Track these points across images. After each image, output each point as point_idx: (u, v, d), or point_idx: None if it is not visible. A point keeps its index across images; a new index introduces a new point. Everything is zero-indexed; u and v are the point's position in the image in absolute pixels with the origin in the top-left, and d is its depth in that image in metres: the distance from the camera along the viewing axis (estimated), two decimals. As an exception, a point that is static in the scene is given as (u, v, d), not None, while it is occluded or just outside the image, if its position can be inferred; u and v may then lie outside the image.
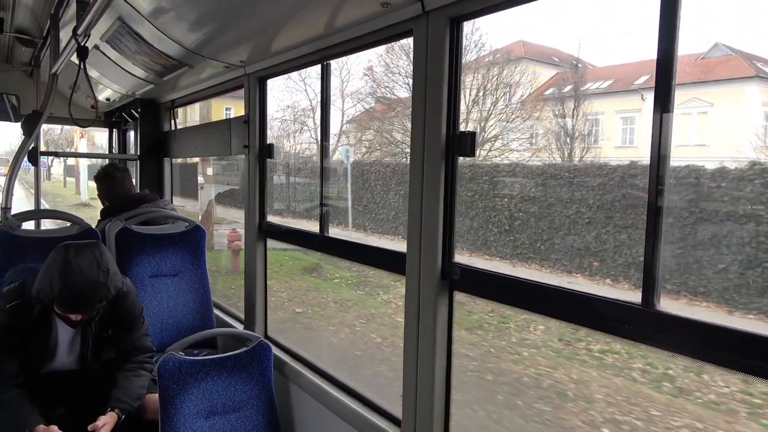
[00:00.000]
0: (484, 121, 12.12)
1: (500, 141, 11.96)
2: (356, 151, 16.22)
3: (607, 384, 5.71)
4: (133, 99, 4.47)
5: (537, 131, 11.74)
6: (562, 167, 9.75)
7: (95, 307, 2.36)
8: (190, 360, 2.53)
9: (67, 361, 2.56)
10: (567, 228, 8.32)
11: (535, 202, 9.07)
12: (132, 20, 2.75)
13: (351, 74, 18.96)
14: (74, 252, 2.30)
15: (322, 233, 2.60)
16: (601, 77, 11.24)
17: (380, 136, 15.99)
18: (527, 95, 11.98)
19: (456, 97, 1.80)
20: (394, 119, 15.43)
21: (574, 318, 1.52)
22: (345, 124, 17.91)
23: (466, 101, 12.10)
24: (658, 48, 1.30)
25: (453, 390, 1.90)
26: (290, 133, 18.77)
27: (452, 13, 1.76)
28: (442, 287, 1.84)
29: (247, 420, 2.58)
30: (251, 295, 3.19)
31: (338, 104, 19.12)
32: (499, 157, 11.64)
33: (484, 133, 11.75)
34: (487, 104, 12.39)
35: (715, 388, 5.29)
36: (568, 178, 8.68)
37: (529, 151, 11.60)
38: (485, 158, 11.36)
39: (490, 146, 11.84)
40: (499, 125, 12.09)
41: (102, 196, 3.73)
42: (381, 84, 16.75)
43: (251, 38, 2.67)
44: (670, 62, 1.29)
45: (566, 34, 14.12)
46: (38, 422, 2.30)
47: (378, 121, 16.10)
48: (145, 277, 3.23)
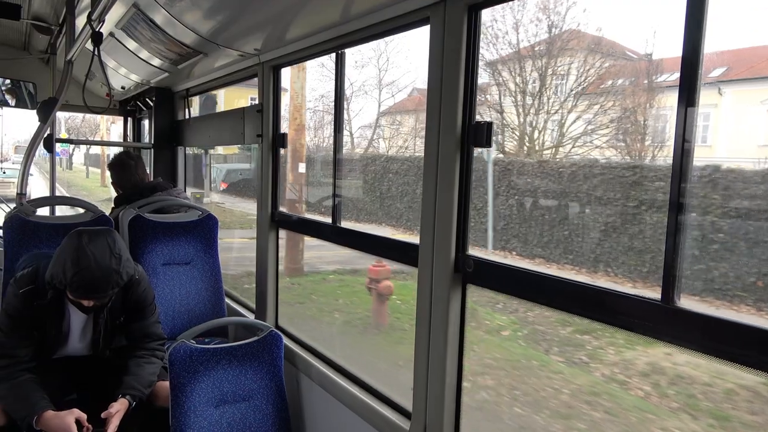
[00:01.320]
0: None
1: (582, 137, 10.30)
2: (393, 144, 15.66)
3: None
4: (147, 87, 4.49)
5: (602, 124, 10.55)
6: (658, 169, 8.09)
7: (107, 293, 2.37)
8: (201, 348, 2.54)
9: (79, 346, 2.58)
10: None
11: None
12: (147, 7, 2.74)
13: (390, 63, 18.21)
14: (87, 238, 2.31)
15: (334, 223, 2.58)
16: (668, 69, 9.93)
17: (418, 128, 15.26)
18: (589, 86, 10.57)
19: (473, 86, 1.77)
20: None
21: (591, 314, 1.49)
22: (380, 116, 17.47)
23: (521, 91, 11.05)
24: (684, 41, 1.26)
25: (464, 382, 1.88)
26: (326, 125, 18.56)
27: (470, 1, 1.72)
28: (455, 280, 1.81)
29: (256, 409, 2.58)
30: (262, 285, 3.19)
31: (374, 95, 18.61)
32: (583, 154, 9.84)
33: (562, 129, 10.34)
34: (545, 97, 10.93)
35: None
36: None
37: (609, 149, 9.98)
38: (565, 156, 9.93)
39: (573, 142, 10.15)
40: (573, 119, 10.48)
41: (115, 184, 3.75)
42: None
43: (266, 26, 2.65)
44: (696, 56, 1.25)
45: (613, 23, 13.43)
46: (48, 407, 2.31)
47: (415, 113, 15.45)
48: (158, 264, 3.24)
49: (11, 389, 2.35)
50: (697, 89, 1.26)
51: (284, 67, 2.98)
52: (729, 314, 6.11)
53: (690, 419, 5.08)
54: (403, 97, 17.36)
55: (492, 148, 13.80)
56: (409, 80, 17.31)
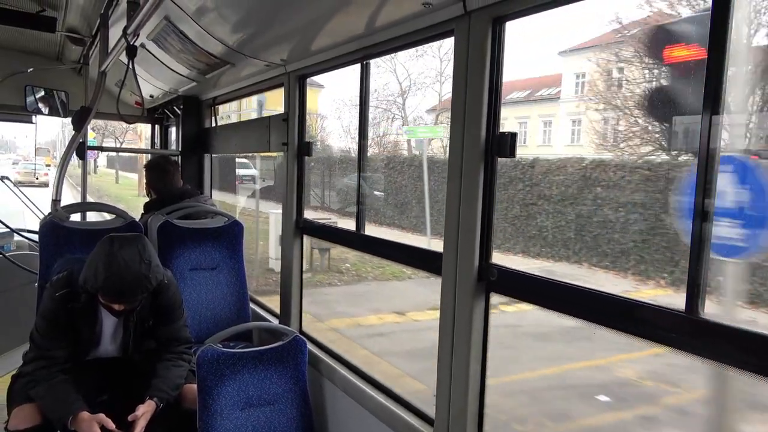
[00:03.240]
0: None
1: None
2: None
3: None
4: (175, 96, 4.59)
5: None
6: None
7: (137, 297, 2.43)
8: (228, 352, 2.59)
9: (110, 349, 2.65)
10: None
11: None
12: (178, 19, 2.82)
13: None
14: (118, 244, 2.38)
15: (359, 231, 2.62)
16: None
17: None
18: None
19: (497, 97, 1.79)
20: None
21: (615, 324, 1.49)
22: (440, 111, 17.01)
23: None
24: (709, 47, 1.26)
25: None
26: (379, 122, 17.46)
27: (495, 14, 1.74)
28: (479, 288, 1.83)
29: (281, 413, 2.62)
30: (287, 291, 3.24)
31: (435, 87, 17.96)
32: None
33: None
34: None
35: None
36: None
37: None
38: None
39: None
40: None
41: (150, 186, 3.83)
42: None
43: (292, 37, 2.70)
44: (720, 62, 1.25)
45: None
46: (83, 408, 2.38)
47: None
48: (185, 269, 3.31)
49: (48, 390, 2.43)
50: (722, 97, 1.26)
51: (310, 76, 3.04)
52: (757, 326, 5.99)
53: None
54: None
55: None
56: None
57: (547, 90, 16.52)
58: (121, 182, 32.83)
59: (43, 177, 21.10)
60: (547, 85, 16.52)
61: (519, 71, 16.49)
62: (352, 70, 2.61)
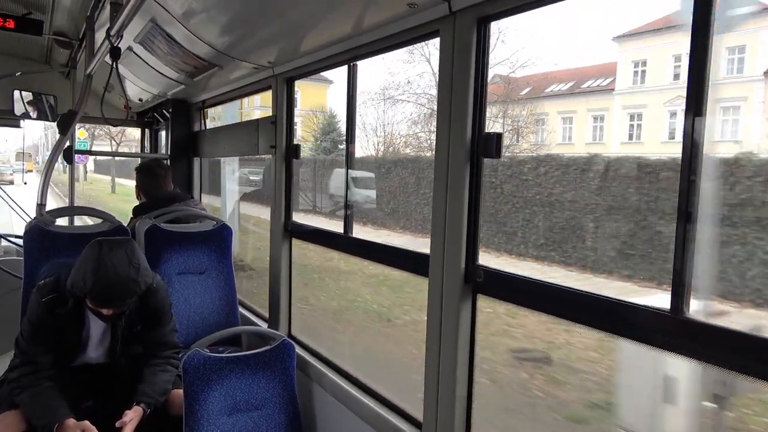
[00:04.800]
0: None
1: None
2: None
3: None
4: (164, 99, 4.57)
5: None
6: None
7: (126, 302, 2.41)
8: (214, 357, 2.56)
9: (96, 354, 2.62)
10: None
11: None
12: (164, 22, 2.80)
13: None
14: (107, 248, 2.35)
15: (346, 233, 2.60)
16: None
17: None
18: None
19: (483, 97, 1.79)
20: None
21: (601, 324, 1.49)
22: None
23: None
24: (691, 47, 1.26)
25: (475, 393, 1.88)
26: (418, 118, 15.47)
27: (479, 14, 1.74)
28: (466, 290, 1.82)
29: (269, 418, 2.60)
30: (276, 294, 3.22)
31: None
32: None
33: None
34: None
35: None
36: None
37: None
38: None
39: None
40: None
41: (140, 189, 3.80)
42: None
43: (279, 39, 2.69)
44: (703, 63, 1.25)
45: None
46: (68, 415, 2.35)
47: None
48: (173, 274, 3.28)
49: (33, 397, 2.39)
50: (705, 98, 1.26)
51: (297, 79, 3.03)
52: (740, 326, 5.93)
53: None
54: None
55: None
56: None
57: (595, 81, 14.20)
58: (118, 191, 28.92)
59: (9, 176, 23.15)
60: (593, 75, 14.20)
61: (557, 61, 14.62)
62: (364, 64, 2.53)
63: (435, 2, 1.81)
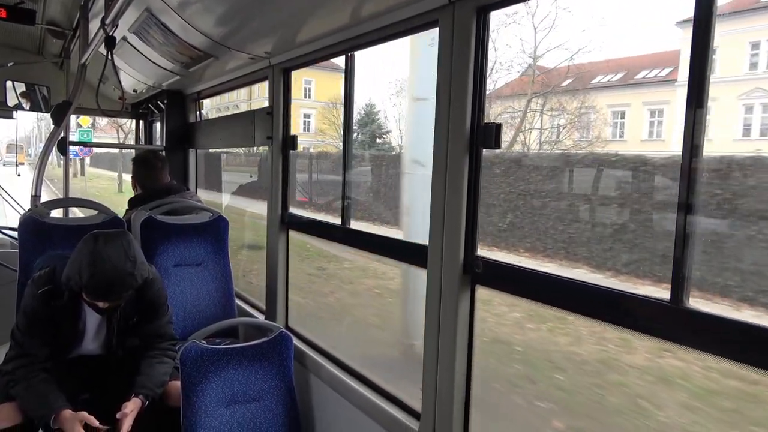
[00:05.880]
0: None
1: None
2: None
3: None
4: (159, 90, 4.54)
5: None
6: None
7: (122, 295, 2.40)
8: (211, 348, 2.56)
9: (93, 346, 2.61)
10: None
11: None
12: (159, 12, 2.78)
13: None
14: (103, 242, 2.34)
15: (344, 225, 2.60)
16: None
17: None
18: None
19: (482, 88, 1.78)
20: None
21: (600, 315, 1.49)
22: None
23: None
24: (693, 39, 1.26)
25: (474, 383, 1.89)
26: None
27: (479, 3, 1.73)
28: (464, 281, 1.82)
29: (267, 409, 2.60)
30: (273, 286, 3.21)
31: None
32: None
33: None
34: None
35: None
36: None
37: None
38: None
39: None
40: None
41: (135, 180, 3.79)
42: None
43: (276, 29, 2.67)
44: (704, 54, 1.25)
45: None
46: (65, 407, 2.34)
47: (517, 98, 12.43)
48: (169, 266, 3.27)
49: (29, 389, 2.38)
50: (706, 89, 1.26)
51: (294, 69, 3.01)
52: (740, 315, 5.83)
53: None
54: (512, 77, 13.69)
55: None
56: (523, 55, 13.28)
57: (650, 71, 12.54)
58: (126, 189, 24.65)
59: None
60: (648, 65, 12.56)
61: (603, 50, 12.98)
62: (382, 49, 2.38)
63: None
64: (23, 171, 15.62)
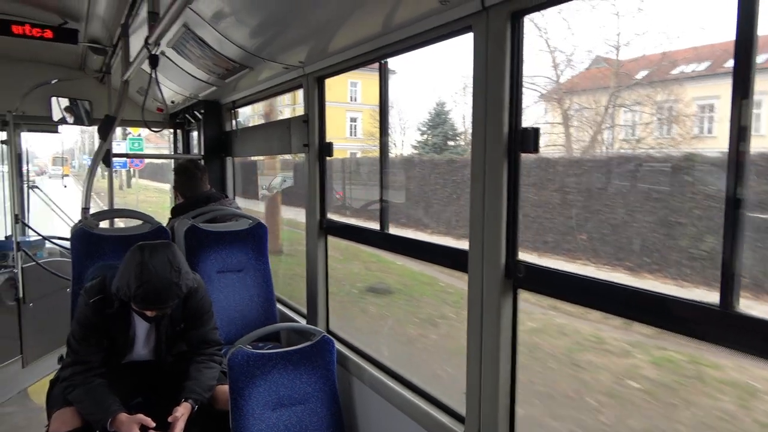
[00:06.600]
0: None
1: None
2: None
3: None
4: (196, 101, 4.64)
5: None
6: None
7: (168, 304, 2.49)
8: (258, 353, 2.63)
9: (143, 352, 2.71)
10: None
11: None
12: (196, 26, 2.85)
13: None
14: (149, 253, 2.43)
15: (383, 230, 2.62)
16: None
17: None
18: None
19: (519, 92, 1.78)
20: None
21: (647, 318, 1.48)
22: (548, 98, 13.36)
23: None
24: (737, 26, 1.23)
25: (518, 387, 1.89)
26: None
27: (513, 8, 1.73)
28: (506, 285, 1.82)
29: (312, 412, 2.65)
30: (313, 291, 3.26)
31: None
32: None
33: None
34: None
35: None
36: None
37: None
38: None
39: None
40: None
41: (178, 190, 3.91)
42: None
43: (309, 39, 2.71)
44: (750, 42, 1.22)
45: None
46: (121, 410, 2.45)
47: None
48: (213, 272, 3.36)
49: (87, 394, 2.50)
50: (752, 80, 1.23)
51: (328, 77, 3.04)
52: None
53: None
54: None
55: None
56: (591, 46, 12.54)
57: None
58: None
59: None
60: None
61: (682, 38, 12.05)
62: (435, 49, 2.27)
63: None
64: (68, 182, 16.11)
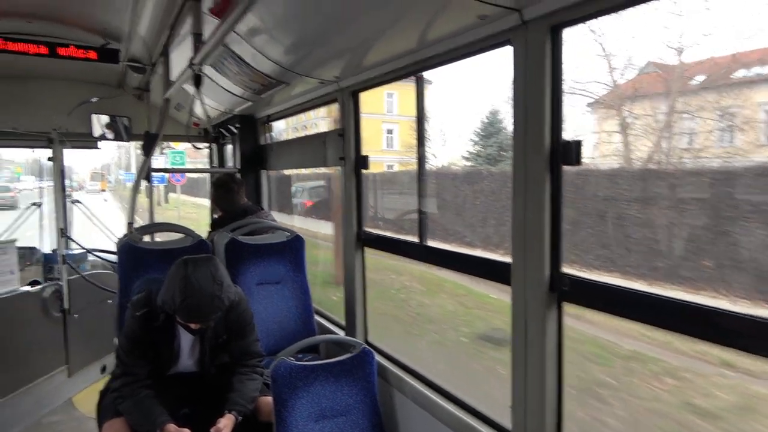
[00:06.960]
0: None
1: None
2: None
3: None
4: (231, 115, 4.74)
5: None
6: None
7: (211, 317, 2.56)
8: (301, 365, 2.66)
9: (188, 364, 2.78)
10: None
11: None
12: (232, 43, 2.92)
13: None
14: (192, 268, 2.50)
15: (422, 242, 2.63)
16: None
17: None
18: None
19: (559, 105, 1.77)
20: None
21: (699, 333, 1.45)
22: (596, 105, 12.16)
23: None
24: None
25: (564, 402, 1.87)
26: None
27: (552, 22, 1.73)
28: (551, 299, 1.81)
29: (354, 424, 2.66)
30: (351, 303, 3.29)
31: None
32: None
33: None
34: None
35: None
36: None
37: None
38: None
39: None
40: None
41: (216, 204, 4.01)
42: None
43: (345, 54, 2.75)
44: None
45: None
46: (168, 421, 2.51)
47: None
48: (252, 284, 3.42)
49: (135, 405, 2.57)
50: None
51: (363, 91, 3.08)
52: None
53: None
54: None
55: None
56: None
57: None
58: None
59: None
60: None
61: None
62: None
63: (506, 12, 1.81)
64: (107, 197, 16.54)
